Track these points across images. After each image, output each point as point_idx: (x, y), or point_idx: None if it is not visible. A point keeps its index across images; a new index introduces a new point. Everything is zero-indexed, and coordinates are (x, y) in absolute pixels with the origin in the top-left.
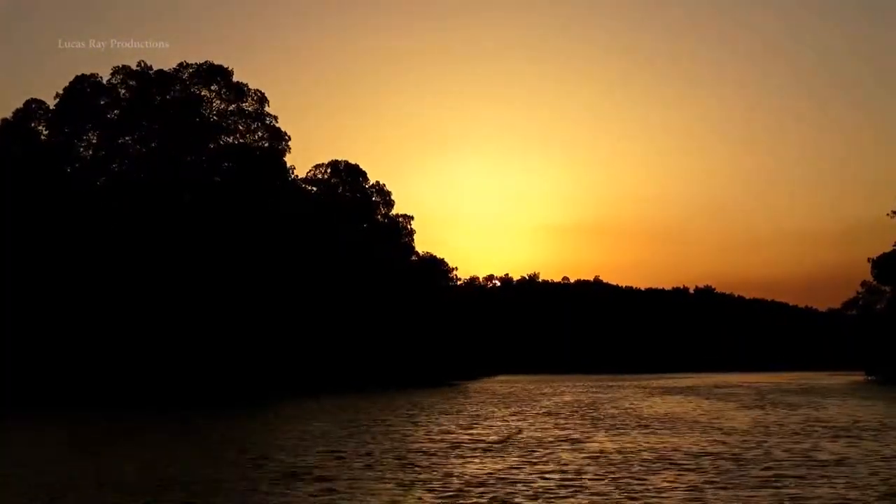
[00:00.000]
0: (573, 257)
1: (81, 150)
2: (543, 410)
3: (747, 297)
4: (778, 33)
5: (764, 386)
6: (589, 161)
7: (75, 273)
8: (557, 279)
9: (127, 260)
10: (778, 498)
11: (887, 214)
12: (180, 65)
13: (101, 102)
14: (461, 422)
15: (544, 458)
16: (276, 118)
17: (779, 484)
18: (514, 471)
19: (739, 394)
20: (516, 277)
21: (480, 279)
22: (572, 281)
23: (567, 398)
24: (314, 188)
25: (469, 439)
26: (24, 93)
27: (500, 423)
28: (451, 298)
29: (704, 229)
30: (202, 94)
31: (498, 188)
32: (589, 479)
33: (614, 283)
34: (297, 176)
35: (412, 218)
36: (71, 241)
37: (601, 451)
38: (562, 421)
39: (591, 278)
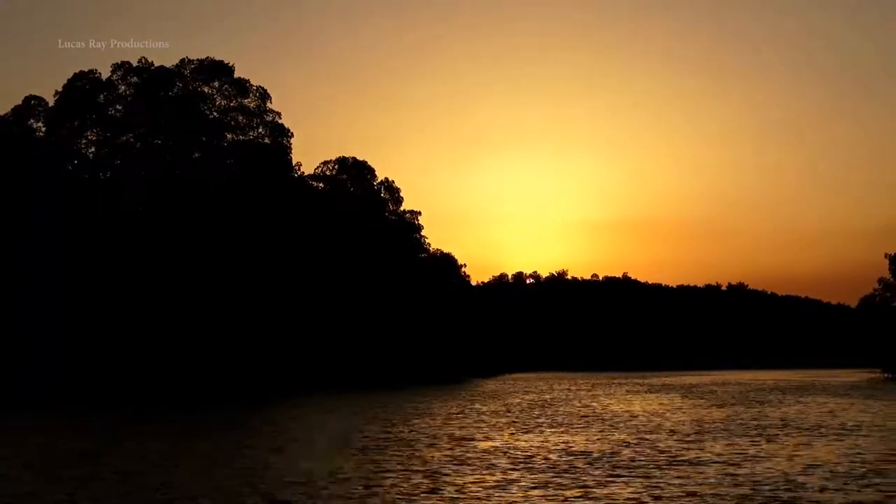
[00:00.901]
0: (603, 255)
1: (82, 147)
2: (494, 409)
3: (780, 294)
4: (811, 28)
5: (767, 384)
6: (618, 159)
7: (78, 272)
8: (586, 276)
9: (132, 258)
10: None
11: None
12: (182, 61)
13: (101, 99)
14: (393, 418)
15: (414, 456)
16: (279, 114)
17: (573, 483)
18: (365, 468)
19: (725, 392)
20: (545, 275)
21: (509, 276)
22: (601, 278)
23: (532, 396)
24: (321, 184)
25: (363, 437)
26: (25, 93)
27: (423, 421)
28: (463, 295)
29: (736, 226)
30: (204, 90)
31: (527, 186)
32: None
33: (644, 280)
34: (303, 173)
35: (419, 214)
36: (75, 239)
37: (481, 450)
38: (496, 419)
39: (619, 275)
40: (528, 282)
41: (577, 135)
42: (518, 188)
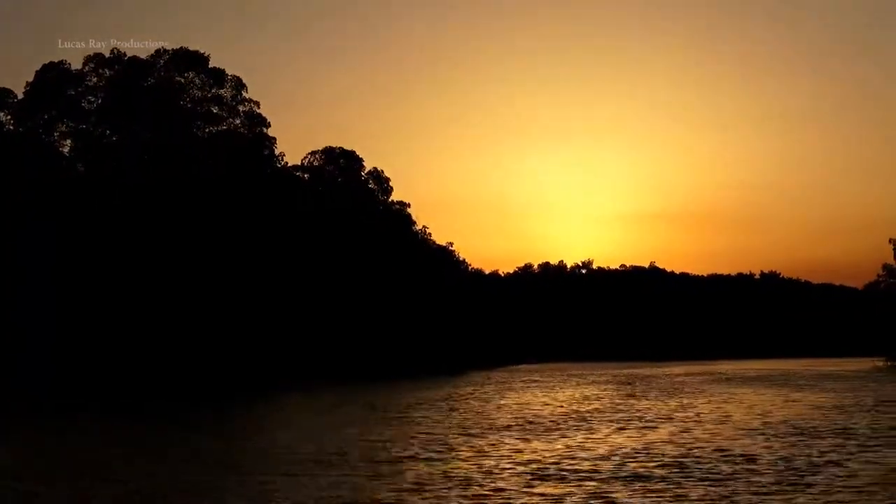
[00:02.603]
0: (631, 246)
1: (55, 140)
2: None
3: (815, 283)
4: (835, 15)
5: (748, 374)
6: (646, 150)
7: (57, 267)
8: (614, 266)
9: (113, 253)
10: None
11: None
12: (157, 52)
13: (72, 92)
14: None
15: None
16: (256, 103)
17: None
18: None
19: (679, 383)
20: (570, 265)
21: (534, 266)
22: (628, 267)
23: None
24: (306, 175)
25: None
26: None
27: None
28: (466, 286)
29: (769, 215)
30: (179, 80)
31: (556, 178)
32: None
33: (671, 269)
34: (286, 163)
35: (409, 205)
36: (53, 234)
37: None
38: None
39: (647, 265)
40: (553, 272)
41: (606, 127)
42: (548, 180)
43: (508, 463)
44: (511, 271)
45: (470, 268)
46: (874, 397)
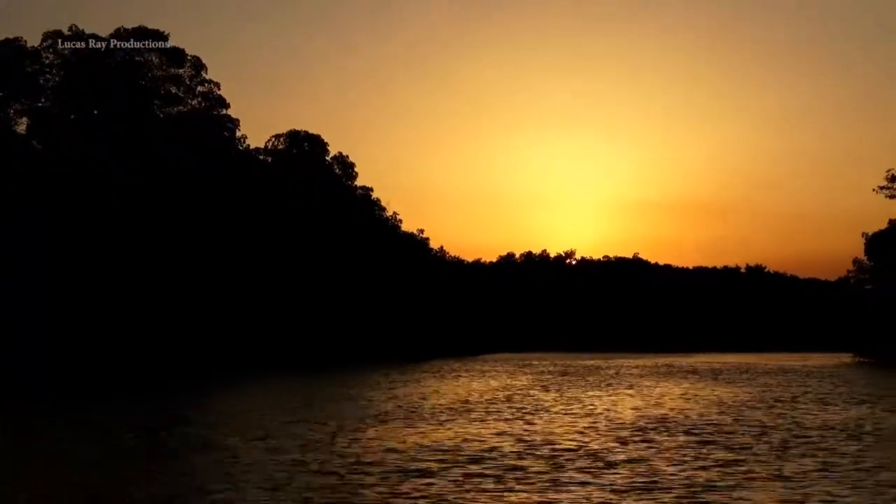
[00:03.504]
0: (615, 237)
1: (11, 118)
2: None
3: (801, 277)
4: (833, 15)
5: (703, 367)
6: (634, 141)
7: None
8: (597, 256)
9: (68, 237)
10: None
11: (873, 190)
12: (117, 30)
13: (29, 69)
14: None
15: None
16: (217, 85)
17: None
18: None
19: (616, 375)
20: (553, 255)
21: (517, 256)
22: (613, 258)
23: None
24: (270, 158)
25: None
26: None
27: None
28: (436, 274)
29: (757, 208)
30: (138, 60)
31: (541, 167)
32: None
33: (655, 261)
34: (248, 146)
35: (372, 189)
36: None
37: None
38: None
39: (630, 255)
40: (536, 262)
41: (591, 117)
42: (532, 170)
43: (327, 454)
44: (493, 260)
45: (448, 256)
46: (801, 393)
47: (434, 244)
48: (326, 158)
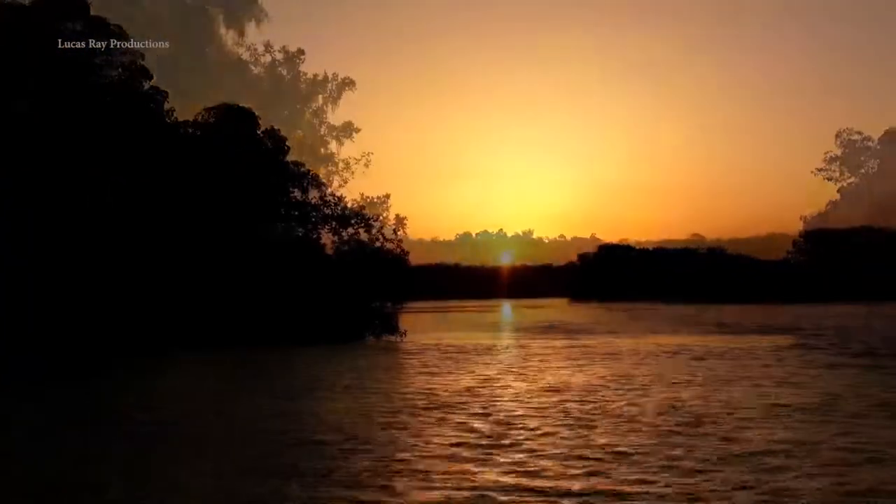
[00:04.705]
0: (574, 216)
1: None
2: None
3: (762, 259)
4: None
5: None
6: (591, 121)
7: None
8: (553, 237)
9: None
10: None
11: (812, 172)
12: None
13: None
14: None
15: None
16: (142, 55)
17: None
18: None
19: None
20: (510, 234)
21: (473, 235)
22: (569, 238)
23: None
24: (199, 131)
25: None
26: None
27: None
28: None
29: (719, 188)
30: (58, 28)
31: (510, 147)
32: None
33: (610, 240)
34: (177, 119)
35: (304, 165)
36: None
37: None
38: None
39: (588, 236)
40: (493, 240)
41: (554, 98)
42: (490, 148)
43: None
44: (451, 239)
45: (399, 233)
46: (685, 372)
47: (390, 217)
48: (258, 132)
